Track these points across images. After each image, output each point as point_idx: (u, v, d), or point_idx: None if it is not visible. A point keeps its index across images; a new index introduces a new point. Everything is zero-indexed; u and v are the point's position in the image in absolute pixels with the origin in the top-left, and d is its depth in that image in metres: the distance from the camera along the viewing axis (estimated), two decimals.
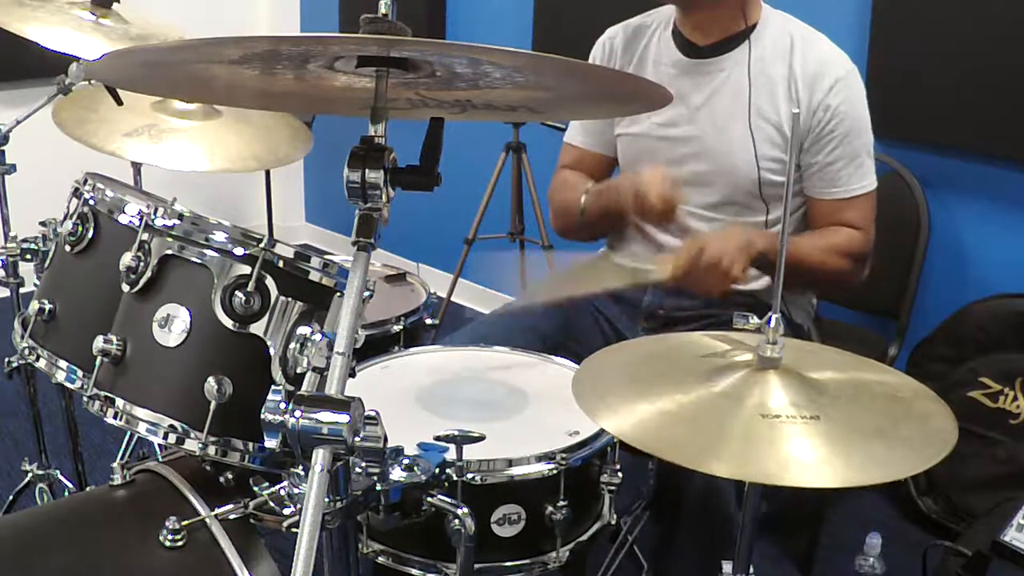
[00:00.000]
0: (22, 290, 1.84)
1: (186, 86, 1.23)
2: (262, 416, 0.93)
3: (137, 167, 2.23)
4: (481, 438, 1.28)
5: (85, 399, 1.28)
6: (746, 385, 1.14)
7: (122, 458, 1.96)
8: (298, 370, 1.00)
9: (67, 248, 1.36)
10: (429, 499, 1.21)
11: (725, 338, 1.29)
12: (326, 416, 0.92)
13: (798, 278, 1.93)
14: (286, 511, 1.16)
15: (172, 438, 1.23)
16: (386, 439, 1.07)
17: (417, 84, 1.03)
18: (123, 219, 1.30)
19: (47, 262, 1.47)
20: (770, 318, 1.15)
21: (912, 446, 1.08)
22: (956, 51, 2.48)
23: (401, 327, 1.87)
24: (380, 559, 1.38)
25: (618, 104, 1.38)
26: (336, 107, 1.23)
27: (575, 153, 2.06)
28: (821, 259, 1.83)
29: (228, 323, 1.22)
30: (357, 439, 0.93)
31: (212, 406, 1.21)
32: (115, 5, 1.91)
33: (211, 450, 1.23)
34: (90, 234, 1.34)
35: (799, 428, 1.07)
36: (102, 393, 1.26)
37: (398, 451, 1.20)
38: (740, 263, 1.69)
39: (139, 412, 1.24)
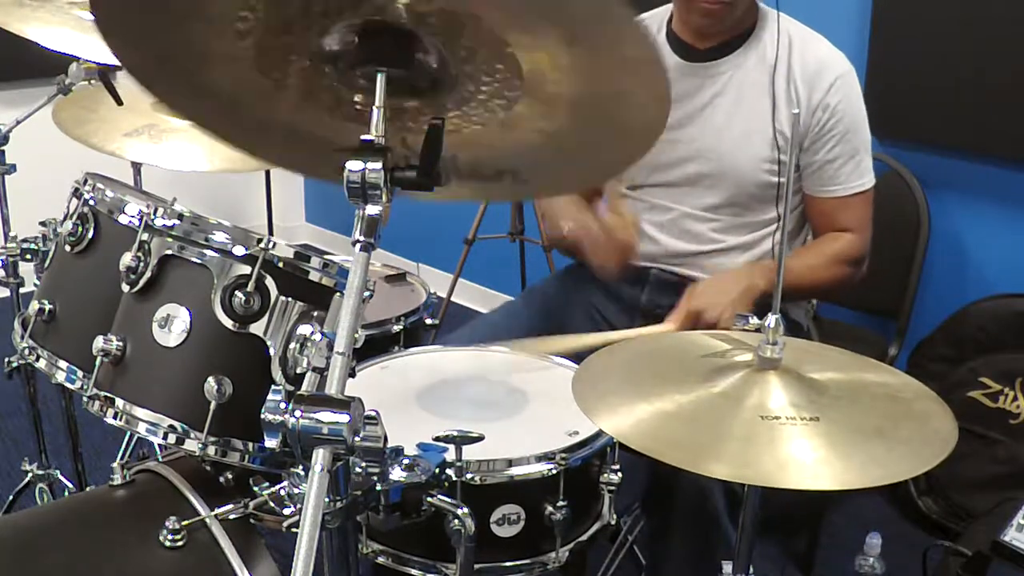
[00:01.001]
0: (22, 290, 1.84)
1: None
2: (262, 416, 0.93)
3: (137, 167, 2.23)
4: (480, 438, 1.28)
5: (85, 399, 1.28)
6: (746, 386, 1.14)
7: (122, 458, 1.96)
8: (298, 370, 1.01)
9: (67, 248, 1.36)
10: (429, 499, 1.21)
11: (725, 338, 1.29)
12: (326, 416, 0.91)
13: (802, 295, 1.96)
14: (286, 511, 1.17)
15: (172, 438, 1.23)
16: (386, 439, 1.07)
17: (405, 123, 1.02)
18: (123, 219, 1.30)
19: (47, 262, 1.47)
20: (770, 319, 1.15)
21: (912, 447, 1.08)
22: (956, 51, 2.48)
23: (401, 327, 1.87)
24: (380, 559, 1.38)
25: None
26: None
27: None
28: (821, 275, 1.87)
29: (228, 323, 1.22)
30: (357, 439, 0.93)
31: (212, 406, 1.21)
32: None
33: (211, 450, 1.23)
34: (90, 234, 1.34)
35: (799, 429, 1.07)
36: (102, 393, 1.26)
37: (398, 451, 1.20)
38: (745, 304, 1.70)
39: (139, 412, 1.24)
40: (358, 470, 1.13)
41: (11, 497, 2.12)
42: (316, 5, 0.97)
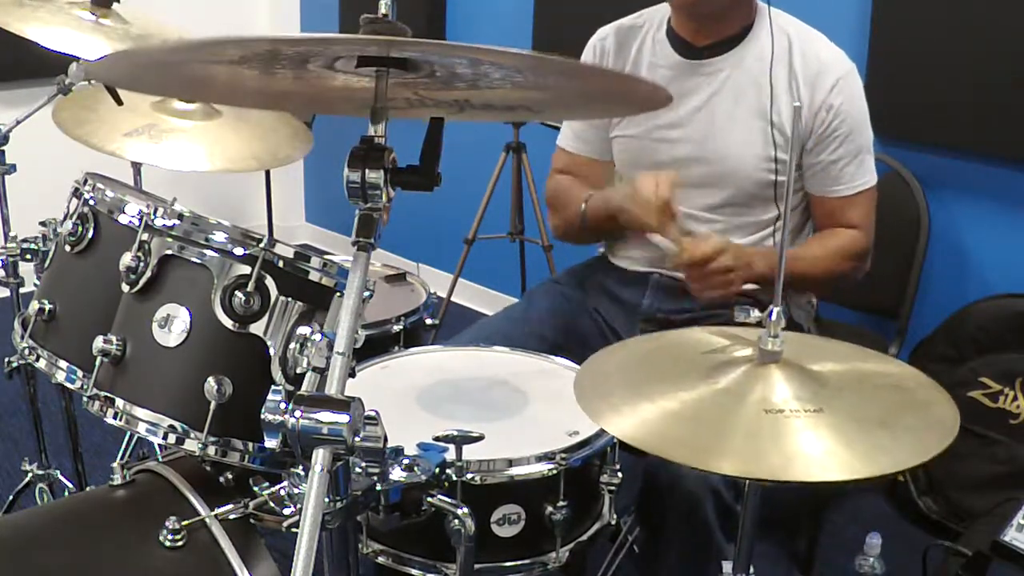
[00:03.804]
0: (22, 290, 1.84)
1: (186, 86, 1.23)
2: (262, 416, 0.94)
3: (137, 167, 2.23)
4: (480, 438, 1.28)
5: (85, 399, 1.28)
6: (748, 380, 1.14)
7: (122, 458, 1.96)
8: (298, 370, 1.01)
9: (67, 248, 1.36)
10: (429, 499, 1.21)
11: (725, 333, 1.29)
12: (326, 416, 0.92)
13: (804, 286, 1.96)
14: (286, 511, 1.17)
15: (172, 438, 1.23)
16: (386, 439, 1.07)
17: (416, 84, 1.03)
18: (123, 219, 1.30)
19: (47, 262, 1.47)
20: (771, 311, 1.15)
21: (916, 435, 1.08)
22: (956, 51, 2.48)
23: (401, 327, 1.87)
24: (380, 559, 1.38)
25: (617, 104, 1.38)
26: (336, 107, 1.24)
27: (567, 158, 2.06)
28: (825, 267, 1.87)
29: (228, 323, 1.22)
30: (357, 439, 0.93)
31: (212, 406, 1.21)
32: (115, 5, 1.91)
33: (211, 450, 1.23)
34: (90, 234, 1.34)
35: (803, 422, 1.07)
36: (102, 393, 1.26)
37: (398, 451, 1.20)
38: (740, 281, 1.71)
39: (139, 412, 1.24)
40: (358, 470, 1.13)
41: (11, 497, 2.12)
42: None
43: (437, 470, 1.23)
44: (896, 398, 1.17)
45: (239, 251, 1.23)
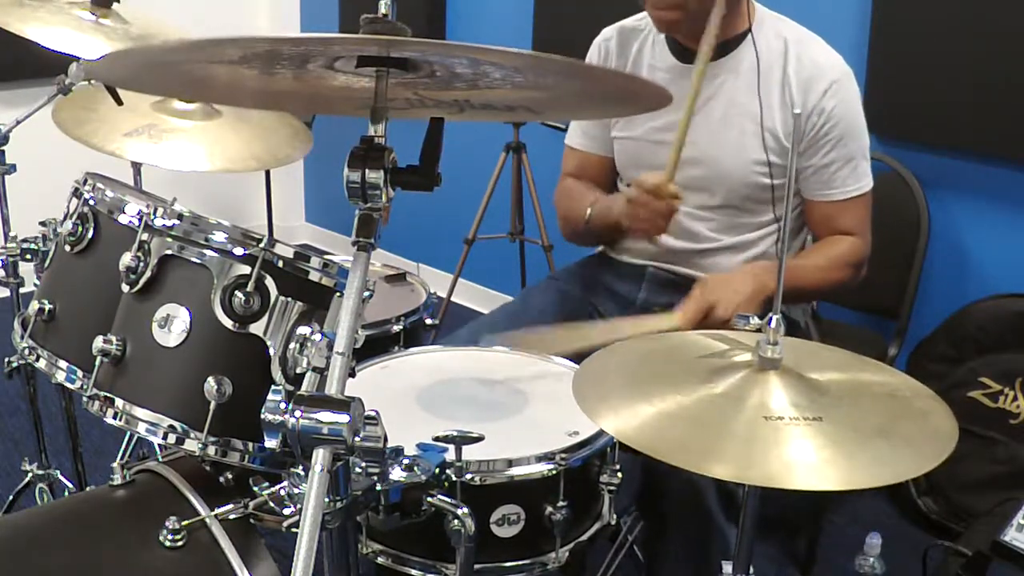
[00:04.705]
0: (22, 290, 1.84)
1: (186, 86, 1.23)
2: (262, 416, 0.94)
3: (137, 167, 2.23)
4: (480, 438, 1.28)
5: (85, 399, 1.28)
6: (746, 386, 1.14)
7: (122, 458, 1.95)
8: (298, 370, 1.01)
9: (67, 248, 1.37)
10: (429, 499, 1.21)
11: (723, 338, 1.29)
12: (326, 416, 0.92)
13: (808, 297, 1.97)
14: (286, 511, 1.17)
15: (172, 438, 1.23)
16: (386, 439, 1.07)
17: (416, 84, 1.03)
18: (123, 219, 1.30)
19: (47, 262, 1.47)
20: (770, 318, 1.15)
21: (916, 446, 1.08)
22: (956, 51, 2.48)
23: (401, 327, 1.87)
24: (380, 559, 1.38)
25: (617, 104, 1.38)
26: (336, 107, 1.24)
27: (577, 157, 2.07)
28: (827, 278, 1.87)
29: (228, 323, 1.22)
30: (357, 439, 0.93)
31: (212, 406, 1.21)
32: (115, 5, 1.91)
33: (211, 450, 1.23)
34: (90, 234, 1.34)
35: (802, 430, 1.07)
36: (102, 393, 1.26)
37: (398, 451, 1.20)
38: (759, 302, 1.70)
39: (139, 412, 1.24)
40: (358, 470, 1.13)
41: (11, 497, 2.12)
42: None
43: (437, 470, 1.23)
44: (896, 408, 1.16)
45: (239, 251, 1.23)
